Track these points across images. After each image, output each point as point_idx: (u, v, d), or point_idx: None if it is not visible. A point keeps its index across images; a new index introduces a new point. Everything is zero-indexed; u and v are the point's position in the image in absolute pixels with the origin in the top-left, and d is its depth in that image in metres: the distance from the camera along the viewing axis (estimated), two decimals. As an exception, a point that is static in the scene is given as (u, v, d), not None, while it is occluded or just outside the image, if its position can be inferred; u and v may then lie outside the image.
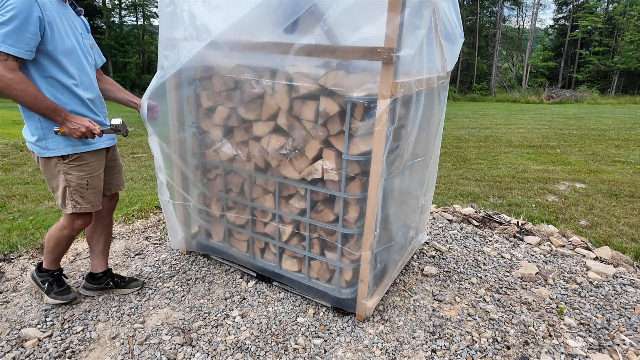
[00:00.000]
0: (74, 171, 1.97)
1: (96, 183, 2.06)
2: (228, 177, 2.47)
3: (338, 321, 2.24)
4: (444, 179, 5.81)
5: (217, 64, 2.22)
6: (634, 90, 26.57)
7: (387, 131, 1.82)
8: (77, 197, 2.02)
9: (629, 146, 8.32)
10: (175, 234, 2.65)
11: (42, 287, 2.31)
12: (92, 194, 2.06)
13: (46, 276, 2.30)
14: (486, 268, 2.87)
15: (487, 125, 11.62)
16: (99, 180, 2.09)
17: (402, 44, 1.72)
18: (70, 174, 1.97)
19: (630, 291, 2.63)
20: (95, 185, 2.06)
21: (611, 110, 16.74)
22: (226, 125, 2.34)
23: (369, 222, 2.01)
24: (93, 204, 2.08)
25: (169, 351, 2.00)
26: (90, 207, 2.07)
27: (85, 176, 2.01)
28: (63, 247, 2.23)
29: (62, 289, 2.31)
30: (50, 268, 2.30)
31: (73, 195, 2.01)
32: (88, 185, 2.02)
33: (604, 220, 4.24)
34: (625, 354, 2.06)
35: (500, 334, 2.18)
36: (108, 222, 2.38)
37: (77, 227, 2.12)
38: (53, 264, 2.30)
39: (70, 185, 1.99)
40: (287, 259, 2.44)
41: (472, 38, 30.63)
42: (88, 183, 2.02)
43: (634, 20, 25.73)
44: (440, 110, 2.62)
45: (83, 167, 1.99)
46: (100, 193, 2.11)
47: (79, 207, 2.04)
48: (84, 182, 2.00)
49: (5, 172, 5.67)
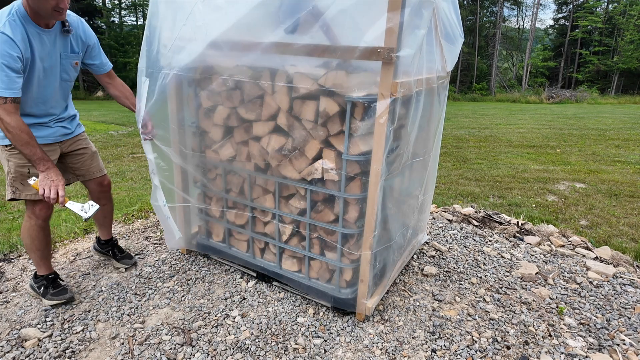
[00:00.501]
0: (14, 159, 2.07)
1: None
2: (228, 177, 2.47)
3: (338, 321, 2.24)
4: (444, 179, 5.81)
5: (217, 63, 2.22)
6: (634, 90, 26.57)
7: (387, 131, 1.82)
8: (17, 183, 2.10)
9: (629, 146, 8.32)
10: (172, 236, 2.63)
11: (39, 292, 2.33)
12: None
13: (41, 281, 2.33)
14: (486, 268, 2.87)
15: (487, 125, 11.62)
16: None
17: (402, 44, 1.73)
18: (10, 160, 2.08)
19: (630, 291, 2.63)
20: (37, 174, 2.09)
21: (611, 110, 16.75)
22: (226, 125, 2.34)
23: (369, 222, 2.01)
24: (35, 192, 2.10)
25: (169, 351, 2.00)
26: (32, 195, 2.11)
27: (26, 164, 2.08)
28: (40, 241, 2.23)
29: (57, 290, 2.32)
30: (44, 273, 2.33)
31: (13, 182, 2.11)
32: (29, 173, 2.09)
33: (603, 220, 4.24)
34: (625, 354, 2.06)
35: (500, 334, 2.18)
36: (105, 202, 2.54)
37: (39, 214, 2.17)
38: (43, 266, 2.31)
39: (10, 172, 2.09)
40: (287, 259, 2.44)
41: (472, 38, 30.62)
42: (29, 171, 2.09)
43: (634, 20, 25.73)
44: (440, 110, 2.62)
45: (19, 154, 2.06)
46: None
47: (18, 194, 2.11)
48: (24, 170, 2.08)
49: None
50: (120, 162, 6.61)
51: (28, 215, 2.19)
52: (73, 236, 3.24)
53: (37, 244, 2.24)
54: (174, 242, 2.69)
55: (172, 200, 2.57)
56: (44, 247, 2.27)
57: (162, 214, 2.52)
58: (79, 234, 3.27)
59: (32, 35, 1.92)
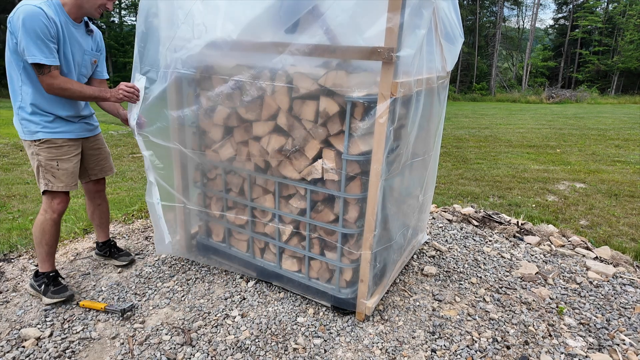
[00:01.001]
0: (44, 152, 2.19)
1: (66, 165, 2.24)
2: (228, 177, 2.47)
3: (338, 321, 2.24)
4: (444, 179, 5.81)
5: (217, 63, 2.22)
6: (633, 90, 26.57)
7: (387, 131, 1.82)
8: (50, 176, 2.21)
9: (629, 146, 8.32)
10: (161, 239, 2.52)
11: (39, 290, 2.34)
12: (64, 174, 2.23)
13: (42, 279, 2.35)
14: (486, 268, 2.87)
15: (487, 125, 11.62)
16: (70, 163, 2.26)
17: (402, 44, 1.73)
18: (40, 155, 2.18)
19: (630, 291, 2.63)
20: (66, 168, 2.24)
21: (611, 110, 16.75)
22: (226, 125, 2.34)
23: (369, 222, 2.01)
24: (66, 183, 2.24)
25: (168, 351, 2.00)
26: (63, 186, 2.24)
27: (54, 157, 2.20)
28: (50, 236, 2.29)
29: (58, 287, 2.34)
30: (45, 270, 2.34)
31: (45, 175, 2.20)
32: (58, 166, 2.21)
33: (603, 220, 4.24)
34: (625, 354, 2.06)
35: (500, 334, 2.18)
36: (100, 201, 2.65)
37: (56, 208, 2.26)
38: (47, 262, 2.33)
39: (42, 165, 2.19)
40: (287, 259, 2.43)
41: (472, 38, 30.62)
42: (58, 164, 2.21)
43: (634, 19, 25.73)
44: (440, 110, 2.62)
45: (52, 149, 2.19)
46: (73, 175, 2.29)
47: (50, 186, 2.21)
48: (54, 162, 2.20)
49: (5, 172, 5.67)
50: (120, 162, 6.61)
51: (44, 209, 2.26)
52: (73, 236, 3.24)
53: (47, 239, 2.29)
54: (162, 247, 2.57)
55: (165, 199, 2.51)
56: (53, 242, 2.33)
57: (155, 213, 2.47)
58: (79, 234, 3.27)
59: (63, 23, 2.07)
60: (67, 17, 2.09)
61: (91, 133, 2.42)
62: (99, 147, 2.51)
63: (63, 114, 2.22)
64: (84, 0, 2.09)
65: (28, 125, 2.15)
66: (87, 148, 2.43)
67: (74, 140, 2.29)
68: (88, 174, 2.52)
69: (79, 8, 2.11)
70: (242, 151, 2.32)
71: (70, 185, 2.27)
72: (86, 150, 2.43)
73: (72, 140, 2.27)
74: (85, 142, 2.40)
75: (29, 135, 2.17)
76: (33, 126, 2.15)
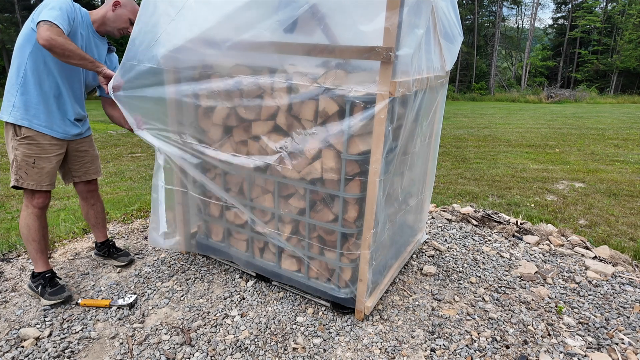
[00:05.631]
0: (22, 148, 2.15)
1: (44, 164, 2.21)
2: (227, 176, 2.47)
3: (337, 320, 2.24)
4: (443, 179, 5.81)
5: (216, 63, 2.22)
6: (632, 89, 26.60)
7: (386, 131, 1.82)
8: (22, 172, 2.18)
9: (628, 145, 8.33)
10: (156, 227, 2.46)
11: (37, 291, 2.34)
12: (38, 173, 2.20)
13: (39, 280, 2.34)
14: (485, 267, 2.88)
15: (486, 124, 11.63)
16: (49, 162, 2.23)
17: (401, 43, 1.72)
18: (18, 149, 2.16)
19: (628, 290, 2.63)
20: (43, 167, 2.20)
21: (610, 109, 16.77)
22: (225, 125, 2.33)
23: (368, 221, 2.01)
24: (37, 182, 2.21)
25: (168, 351, 2.00)
26: (33, 184, 2.20)
27: (32, 154, 2.17)
28: (35, 231, 2.27)
29: (55, 288, 2.33)
30: (41, 270, 2.34)
31: (18, 170, 2.18)
32: (34, 164, 2.18)
33: (602, 219, 4.25)
34: (624, 353, 2.06)
35: (500, 333, 2.18)
36: (93, 201, 2.63)
37: (37, 204, 2.25)
38: (40, 261, 2.33)
39: (17, 160, 2.16)
40: (286, 259, 2.43)
41: (471, 37, 30.63)
42: (35, 161, 2.18)
43: (633, 19, 25.76)
44: (439, 110, 2.62)
45: (32, 146, 2.16)
46: (48, 175, 2.24)
47: (20, 182, 2.19)
48: (30, 160, 2.17)
49: (4, 171, 5.66)
50: (119, 161, 6.61)
51: (25, 205, 2.26)
52: (72, 236, 3.24)
53: (33, 234, 2.27)
54: (155, 238, 2.50)
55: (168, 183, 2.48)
56: (40, 238, 2.30)
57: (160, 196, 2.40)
58: (78, 234, 3.26)
59: (85, 26, 2.18)
60: (90, 25, 2.21)
61: (79, 136, 2.40)
62: (86, 150, 2.47)
63: (56, 112, 2.20)
64: (109, 19, 2.23)
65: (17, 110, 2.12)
66: (73, 150, 2.40)
67: (58, 140, 2.25)
68: (72, 176, 2.49)
69: (101, 25, 2.25)
70: (242, 151, 2.32)
71: (43, 185, 2.22)
72: (71, 151, 2.39)
73: (56, 140, 2.23)
74: (72, 144, 2.37)
75: (12, 119, 2.13)
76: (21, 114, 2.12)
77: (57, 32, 1.94)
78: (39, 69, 2.11)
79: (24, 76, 2.10)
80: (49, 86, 2.16)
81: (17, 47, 2.10)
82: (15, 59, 2.12)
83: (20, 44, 2.09)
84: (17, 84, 2.11)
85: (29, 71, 2.10)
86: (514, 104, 20.38)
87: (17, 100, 2.12)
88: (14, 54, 2.14)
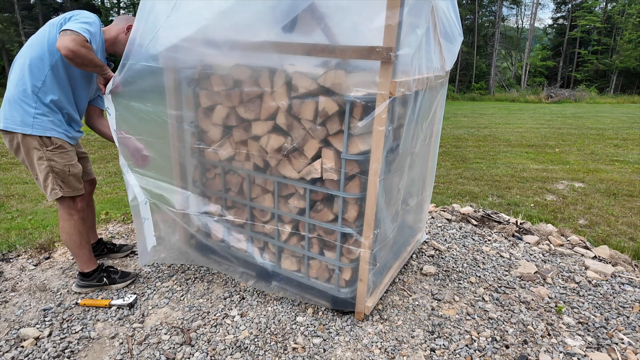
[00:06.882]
0: (58, 158, 2.19)
1: (75, 170, 2.28)
2: (227, 176, 2.47)
3: (337, 320, 2.24)
4: (443, 178, 5.82)
5: (216, 63, 2.22)
6: (632, 89, 26.60)
7: (386, 130, 1.82)
8: (60, 181, 2.22)
9: (628, 145, 8.33)
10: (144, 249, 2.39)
11: (103, 283, 2.45)
12: (73, 180, 2.27)
13: (97, 274, 2.45)
14: (485, 267, 2.88)
15: (486, 124, 11.63)
16: (77, 168, 2.30)
17: (401, 43, 1.72)
18: (53, 160, 2.18)
19: (628, 290, 2.63)
20: (75, 173, 2.28)
21: (610, 109, 16.77)
22: (225, 125, 2.33)
23: (368, 221, 2.01)
24: (73, 188, 2.27)
25: (168, 351, 2.00)
26: (70, 192, 2.25)
27: (67, 163, 2.23)
28: (86, 233, 2.36)
29: (120, 272, 2.51)
30: (95, 267, 2.46)
31: (57, 180, 2.21)
32: (70, 172, 2.24)
33: (602, 219, 4.25)
34: (624, 353, 2.06)
35: (499, 333, 2.18)
36: (91, 203, 2.70)
37: (80, 208, 2.33)
38: (92, 260, 2.44)
39: (54, 170, 2.19)
40: (286, 258, 2.43)
41: (471, 37, 30.63)
42: (69, 170, 2.24)
43: (633, 19, 25.76)
44: (439, 110, 2.62)
45: (63, 154, 2.21)
46: (80, 180, 2.32)
47: (63, 192, 2.23)
48: (66, 169, 2.22)
49: (3, 171, 5.66)
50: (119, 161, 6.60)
51: (68, 214, 2.29)
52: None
53: (85, 237, 2.36)
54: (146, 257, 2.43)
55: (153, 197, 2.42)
56: (87, 241, 2.39)
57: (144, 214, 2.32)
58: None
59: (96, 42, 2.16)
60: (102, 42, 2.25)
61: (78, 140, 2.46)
62: (82, 151, 2.53)
63: (71, 119, 2.26)
64: (120, 42, 2.27)
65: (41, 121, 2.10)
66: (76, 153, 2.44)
67: (73, 145, 2.31)
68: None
69: (112, 44, 2.29)
70: (241, 151, 2.32)
71: (80, 189, 2.30)
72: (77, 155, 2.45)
73: (71, 145, 2.30)
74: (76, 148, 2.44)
75: (38, 131, 2.10)
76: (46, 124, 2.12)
77: (81, 43, 1.98)
78: (59, 77, 2.12)
79: (43, 85, 2.08)
80: (66, 94, 2.19)
81: (36, 56, 2.06)
82: (29, 67, 2.06)
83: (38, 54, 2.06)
84: (35, 93, 2.08)
85: (48, 80, 2.09)
86: (513, 104, 20.38)
87: (37, 111, 2.10)
88: (25, 62, 2.07)
